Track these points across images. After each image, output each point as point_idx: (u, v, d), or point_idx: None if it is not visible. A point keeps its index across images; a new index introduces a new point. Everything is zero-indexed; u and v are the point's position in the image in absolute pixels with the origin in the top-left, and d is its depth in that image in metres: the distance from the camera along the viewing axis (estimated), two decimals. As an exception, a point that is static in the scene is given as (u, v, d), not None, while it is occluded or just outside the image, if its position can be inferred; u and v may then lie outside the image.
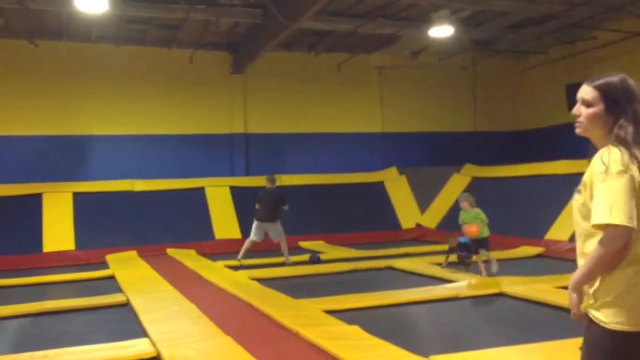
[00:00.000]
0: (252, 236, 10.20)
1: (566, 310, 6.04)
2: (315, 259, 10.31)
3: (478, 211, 8.20)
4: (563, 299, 6.32)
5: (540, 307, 6.35)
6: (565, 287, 6.90)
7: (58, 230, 12.02)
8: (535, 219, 11.43)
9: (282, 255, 10.20)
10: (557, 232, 10.73)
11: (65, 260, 11.38)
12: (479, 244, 8.16)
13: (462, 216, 8.32)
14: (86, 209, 12.58)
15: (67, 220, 12.28)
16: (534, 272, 8.21)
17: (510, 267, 9.13)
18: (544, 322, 5.88)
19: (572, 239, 10.23)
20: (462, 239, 8.27)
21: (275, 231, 10.12)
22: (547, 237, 10.85)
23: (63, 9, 11.01)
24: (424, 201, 14.50)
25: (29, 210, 12.20)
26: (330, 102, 15.69)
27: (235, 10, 11.87)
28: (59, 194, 12.65)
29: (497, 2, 11.51)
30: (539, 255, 10.37)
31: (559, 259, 9.90)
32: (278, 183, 14.13)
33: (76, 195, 12.76)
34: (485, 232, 8.21)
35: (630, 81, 2.31)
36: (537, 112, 16.38)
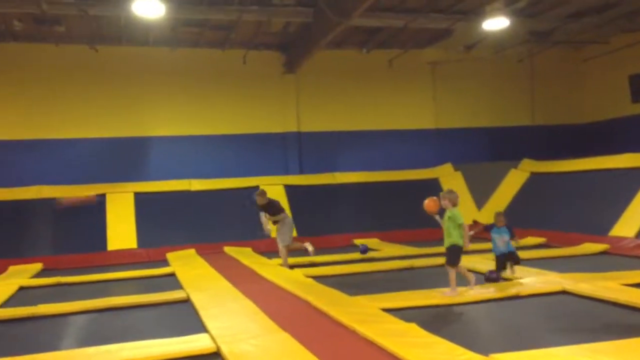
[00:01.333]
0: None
1: (633, 308, 5.82)
2: (364, 249, 10.53)
3: (454, 212, 7.04)
4: (630, 296, 6.10)
5: (606, 305, 6.12)
6: (633, 285, 6.66)
7: (121, 229, 12.43)
8: (599, 215, 11.04)
9: (336, 253, 10.22)
10: (622, 229, 10.32)
11: (128, 258, 11.78)
12: (447, 251, 7.02)
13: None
14: (147, 209, 12.95)
15: (129, 219, 12.68)
16: (598, 269, 7.91)
17: (573, 264, 8.86)
18: (610, 320, 5.66)
19: (639, 235, 9.86)
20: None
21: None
22: (611, 233, 10.46)
23: (121, 14, 11.37)
24: (481, 198, 14.23)
25: (94, 211, 12.66)
26: (383, 99, 15.61)
27: (287, 10, 11.97)
28: (122, 194, 13.08)
29: (555, -8, 11.17)
30: (603, 253, 10.01)
31: (625, 256, 9.53)
32: (332, 181, 14.29)
33: (137, 195, 13.16)
34: (457, 240, 6.95)
35: None
36: (599, 104, 15.83)
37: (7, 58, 13.36)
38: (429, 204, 7.27)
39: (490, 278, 7.60)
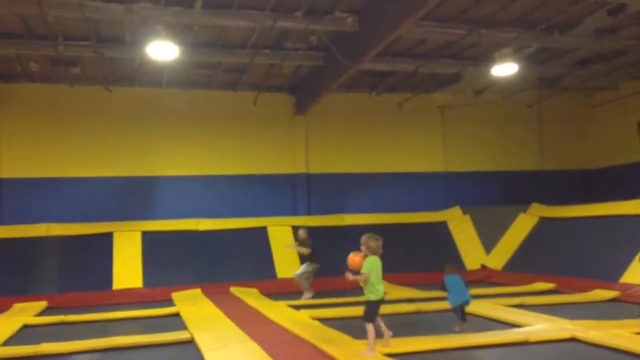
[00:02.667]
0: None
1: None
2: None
3: (367, 260, 6.25)
4: (641, 345, 5.97)
5: (616, 354, 6.00)
6: (644, 333, 6.51)
7: (127, 268, 12.41)
8: (609, 261, 10.90)
9: (343, 296, 10.14)
10: (633, 276, 10.17)
11: (133, 297, 11.71)
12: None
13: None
14: (154, 248, 12.95)
15: (136, 258, 12.67)
16: (608, 317, 7.78)
17: (583, 310, 8.72)
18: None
19: (650, 282, 9.70)
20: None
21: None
22: (622, 280, 10.30)
23: (136, 57, 11.61)
24: (489, 242, 14.13)
25: (101, 249, 12.68)
26: (392, 142, 15.70)
27: (298, 54, 12.18)
28: (129, 233, 13.10)
29: (564, 39, 11.30)
30: (613, 300, 9.85)
31: (636, 304, 9.36)
32: (341, 223, 14.28)
33: (144, 234, 13.17)
34: (369, 295, 6.18)
35: None
36: (607, 150, 15.84)
37: (23, 98, 13.63)
38: (356, 260, 6.23)
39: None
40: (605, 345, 6.26)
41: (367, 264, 6.18)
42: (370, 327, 6.05)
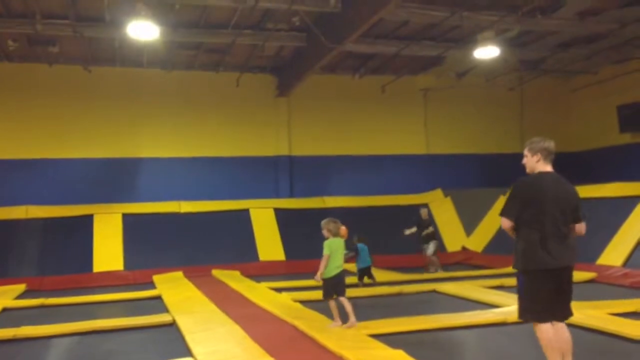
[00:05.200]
0: None
1: (620, 337, 5.81)
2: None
3: (326, 243, 6.65)
4: (616, 326, 6.10)
5: (592, 334, 6.11)
6: (619, 314, 6.65)
7: (108, 251, 12.34)
8: (586, 243, 10.98)
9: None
10: (609, 257, 10.36)
11: (114, 280, 11.67)
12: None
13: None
14: (135, 230, 12.87)
15: (117, 241, 12.59)
16: (585, 298, 7.92)
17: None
18: (596, 349, 5.65)
19: (626, 264, 9.89)
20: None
21: None
22: (599, 262, 10.48)
23: (116, 36, 11.43)
24: (470, 224, 14.26)
25: (81, 231, 12.58)
26: (375, 124, 15.70)
27: (280, 35, 12.08)
28: (109, 215, 13.01)
29: (545, 22, 11.33)
30: (590, 281, 10.01)
31: (612, 285, 9.54)
32: (322, 205, 14.29)
33: (125, 217, 13.09)
34: (328, 272, 6.59)
35: None
36: (587, 133, 15.99)
37: (0, 77, 13.36)
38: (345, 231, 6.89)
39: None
40: (581, 326, 6.37)
41: (326, 246, 6.61)
42: (331, 303, 6.62)
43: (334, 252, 6.61)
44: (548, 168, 4.54)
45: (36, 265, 11.81)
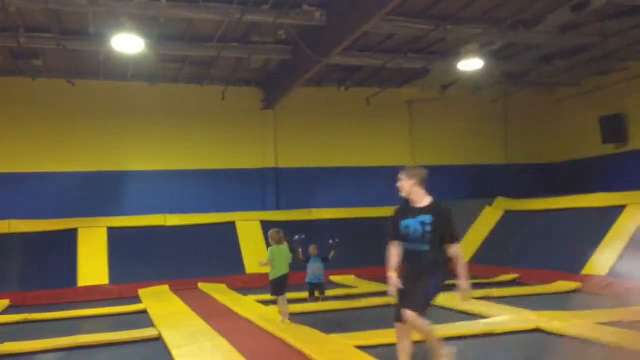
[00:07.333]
0: None
1: (606, 346, 5.84)
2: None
3: (270, 250, 7.82)
4: (603, 335, 6.14)
5: (578, 343, 6.14)
6: (605, 323, 6.71)
7: (93, 265, 12.21)
8: (571, 253, 11.16)
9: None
10: (594, 267, 10.44)
11: (99, 294, 11.54)
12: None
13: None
14: (120, 244, 12.76)
15: (102, 254, 12.48)
16: (571, 308, 7.97)
17: (547, 302, 8.90)
18: (584, 359, 5.68)
19: (611, 273, 9.96)
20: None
21: None
22: (584, 272, 10.55)
23: (100, 49, 11.39)
24: (456, 235, 14.27)
25: (65, 245, 12.45)
26: (360, 136, 15.75)
27: (266, 48, 12.11)
28: (94, 229, 12.89)
29: (528, 35, 11.47)
30: (575, 291, 10.09)
31: (597, 295, 9.61)
32: (309, 217, 14.28)
33: (110, 230, 12.98)
34: (273, 274, 7.79)
35: None
36: (570, 144, 16.16)
37: (-18, 90, 13.25)
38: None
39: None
40: (568, 335, 6.41)
41: (270, 252, 7.68)
42: (279, 300, 7.68)
43: (277, 257, 7.67)
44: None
45: (19, 281, 11.62)
